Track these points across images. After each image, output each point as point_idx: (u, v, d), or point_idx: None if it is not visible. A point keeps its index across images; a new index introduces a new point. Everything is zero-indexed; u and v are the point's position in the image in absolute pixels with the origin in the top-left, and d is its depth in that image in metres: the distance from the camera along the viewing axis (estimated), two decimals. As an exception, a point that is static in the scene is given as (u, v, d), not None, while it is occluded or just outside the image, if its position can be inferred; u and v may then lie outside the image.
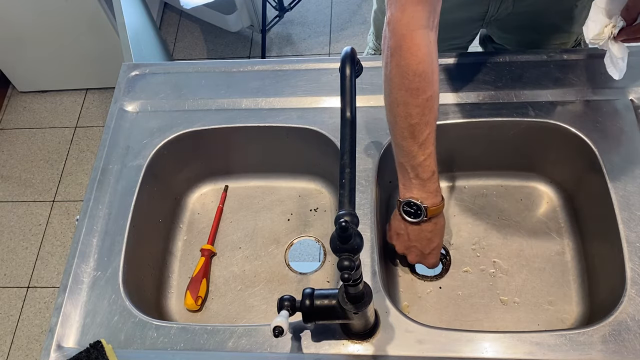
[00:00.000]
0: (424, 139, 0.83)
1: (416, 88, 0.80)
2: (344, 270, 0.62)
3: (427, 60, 0.80)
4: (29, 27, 2.14)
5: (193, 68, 1.14)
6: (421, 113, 0.82)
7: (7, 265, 2.06)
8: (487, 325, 0.96)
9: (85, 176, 2.24)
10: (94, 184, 1.01)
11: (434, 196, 0.88)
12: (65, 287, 0.91)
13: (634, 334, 0.78)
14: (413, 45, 0.79)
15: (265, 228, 1.11)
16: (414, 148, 0.84)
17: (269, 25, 2.46)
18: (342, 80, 0.75)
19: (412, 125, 0.82)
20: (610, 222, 0.89)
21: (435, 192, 0.88)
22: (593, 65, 1.02)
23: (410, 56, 0.79)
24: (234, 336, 0.84)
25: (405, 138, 0.84)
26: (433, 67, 0.81)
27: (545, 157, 1.04)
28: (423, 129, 0.83)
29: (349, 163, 0.68)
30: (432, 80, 0.81)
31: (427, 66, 0.80)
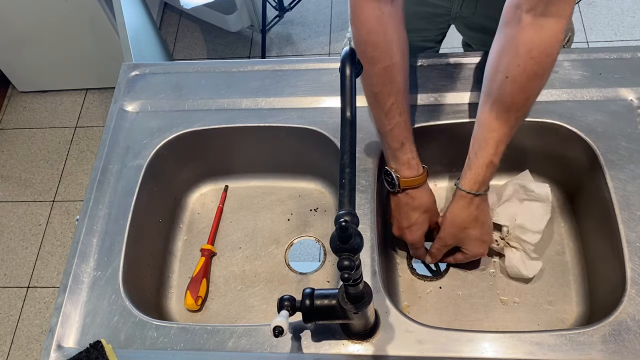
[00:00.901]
0: (388, 108, 0.87)
1: (371, 57, 0.84)
2: (344, 270, 0.62)
3: (378, 30, 0.83)
4: (29, 27, 2.14)
5: (193, 68, 1.14)
6: (381, 83, 0.86)
7: (7, 265, 2.06)
8: (487, 325, 0.96)
9: (85, 176, 2.24)
10: (94, 184, 1.01)
11: (407, 168, 0.91)
12: (65, 287, 0.91)
13: (634, 334, 0.78)
14: (362, 16, 0.83)
15: (265, 228, 1.11)
16: (381, 116, 0.89)
17: (269, 25, 2.46)
18: (342, 80, 0.75)
19: (376, 94, 0.88)
20: (610, 222, 0.89)
21: (408, 164, 0.91)
22: (593, 65, 1.02)
23: (360, 26, 0.84)
24: (234, 336, 0.84)
25: (372, 105, 0.90)
26: (388, 38, 0.84)
27: (545, 157, 1.04)
28: (386, 98, 0.87)
29: (349, 163, 0.68)
30: (389, 51, 0.84)
31: (378, 36, 0.84)
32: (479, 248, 0.95)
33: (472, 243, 0.95)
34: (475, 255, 0.96)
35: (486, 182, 0.90)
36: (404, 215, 0.95)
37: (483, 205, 0.92)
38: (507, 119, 0.84)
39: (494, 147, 0.86)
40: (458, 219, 0.93)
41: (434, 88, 1.03)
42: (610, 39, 2.26)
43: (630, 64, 1.01)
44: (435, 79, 1.04)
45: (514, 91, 0.82)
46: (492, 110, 0.85)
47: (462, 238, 0.94)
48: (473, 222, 0.92)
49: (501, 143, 0.86)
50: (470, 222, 0.92)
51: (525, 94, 0.82)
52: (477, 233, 0.93)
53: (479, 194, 0.90)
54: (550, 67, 0.79)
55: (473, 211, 0.91)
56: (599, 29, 2.28)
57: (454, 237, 0.95)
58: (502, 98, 0.83)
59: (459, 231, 0.93)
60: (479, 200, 0.91)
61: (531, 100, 0.83)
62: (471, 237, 0.94)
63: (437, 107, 1.01)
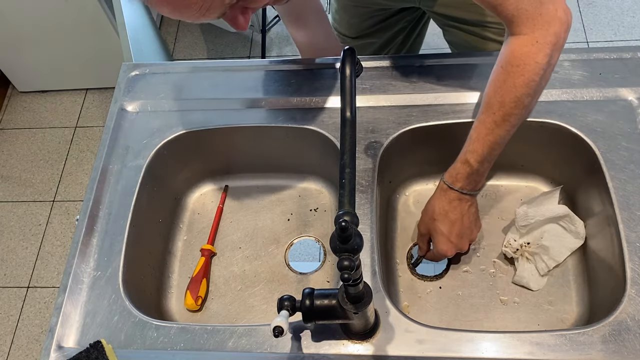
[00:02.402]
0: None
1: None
2: (344, 270, 0.62)
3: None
4: (29, 27, 2.14)
5: (193, 68, 1.14)
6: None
7: (7, 265, 2.06)
8: (487, 325, 0.96)
9: (85, 176, 2.24)
10: (94, 184, 1.01)
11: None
12: (65, 287, 0.91)
13: (634, 334, 0.78)
14: None
15: (265, 228, 1.11)
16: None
17: (269, 25, 2.46)
18: (342, 80, 0.75)
19: None
20: (610, 222, 0.89)
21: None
22: (593, 65, 1.02)
23: None
24: (234, 336, 0.84)
25: None
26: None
27: (545, 157, 1.04)
28: None
29: (349, 163, 0.68)
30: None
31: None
32: (443, 245, 0.96)
33: (437, 237, 0.96)
34: (439, 251, 0.97)
35: (461, 179, 0.92)
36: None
37: (458, 204, 0.94)
38: (484, 120, 0.88)
39: (468, 145, 0.90)
40: (430, 207, 0.97)
41: (433, 88, 1.03)
42: (610, 39, 2.26)
43: (630, 64, 1.01)
44: (435, 79, 1.04)
45: (489, 93, 0.87)
46: (478, 111, 0.90)
47: (432, 230, 0.97)
48: (442, 216, 0.94)
49: (477, 142, 0.89)
50: (440, 214, 0.95)
51: (498, 97, 0.86)
52: (445, 229, 0.95)
53: (453, 188, 0.93)
54: (519, 76, 0.83)
55: (445, 205, 0.94)
56: (599, 29, 2.28)
57: (425, 226, 0.98)
58: (483, 100, 0.89)
59: (430, 221, 0.97)
60: (454, 196, 0.93)
61: (506, 108, 0.85)
62: (438, 230, 0.95)
63: (437, 107, 1.01)
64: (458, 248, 0.97)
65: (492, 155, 0.90)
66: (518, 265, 0.99)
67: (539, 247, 0.98)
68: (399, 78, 1.05)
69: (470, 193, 0.94)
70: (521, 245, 0.99)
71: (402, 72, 1.06)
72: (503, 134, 0.88)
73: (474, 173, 0.91)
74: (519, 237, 1.00)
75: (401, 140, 1.00)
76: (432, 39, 1.39)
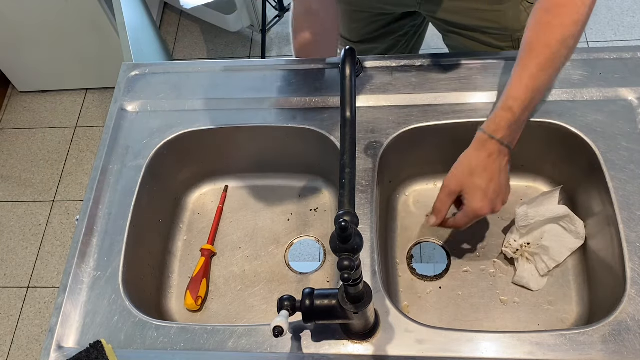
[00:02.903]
0: None
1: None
2: (344, 270, 0.62)
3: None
4: (29, 27, 2.14)
5: (193, 68, 1.14)
6: None
7: (7, 265, 2.06)
8: (487, 325, 0.96)
9: (85, 176, 2.24)
10: (94, 184, 1.01)
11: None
12: (65, 287, 0.91)
13: (634, 334, 0.78)
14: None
15: (265, 228, 1.11)
16: None
17: (269, 25, 2.46)
18: (342, 80, 0.75)
19: None
20: (610, 222, 0.89)
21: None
22: (593, 65, 1.02)
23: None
24: (234, 336, 0.84)
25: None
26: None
27: (545, 157, 1.04)
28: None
29: (349, 163, 0.68)
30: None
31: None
32: (480, 202, 0.88)
33: (474, 193, 0.88)
34: (474, 210, 0.89)
35: (503, 127, 0.87)
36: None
37: (497, 158, 0.88)
38: (526, 64, 0.86)
39: (510, 92, 0.86)
40: (466, 161, 0.89)
41: (433, 88, 1.03)
42: (610, 39, 2.26)
43: (630, 64, 1.01)
44: (435, 79, 1.04)
45: (531, 37, 0.86)
46: (516, 60, 0.88)
47: (466, 185, 0.89)
48: (481, 170, 0.88)
49: (519, 89, 0.86)
50: (478, 167, 0.88)
51: (543, 39, 0.85)
52: (483, 183, 0.88)
53: (495, 138, 0.87)
54: (567, 16, 0.84)
55: (484, 157, 0.88)
56: (599, 29, 2.28)
57: (458, 182, 0.90)
58: (522, 47, 0.88)
59: (465, 176, 0.89)
60: (494, 148, 0.87)
61: (552, 49, 0.84)
62: (475, 186, 0.88)
63: (437, 107, 1.01)
64: (492, 207, 0.89)
65: (533, 104, 0.87)
66: (518, 266, 0.99)
67: (539, 248, 0.98)
68: (399, 78, 1.05)
69: (509, 146, 0.89)
70: (521, 246, 0.99)
71: (402, 72, 1.06)
72: (546, 79, 0.86)
73: (516, 122, 0.87)
74: (519, 238, 1.00)
75: (401, 140, 1.00)
76: (432, 39, 1.39)
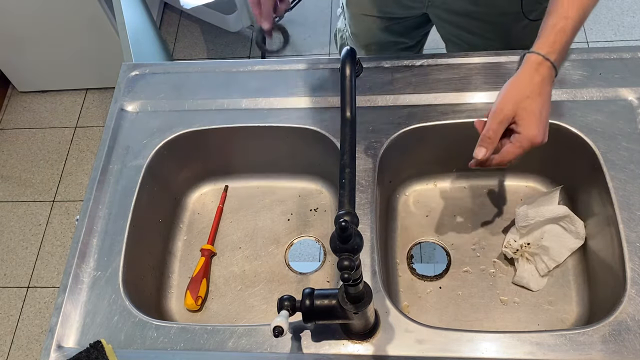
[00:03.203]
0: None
1: None
2: (344, 270, 0.62)
3: None
4: (29, 27, 2.14)
5: (193, 68, 1.14)
6: None
7: (7, 265, 2.06)
8: (487, 325, 0.96)
9: (85, 176, 2.24)
10: (94, 184, 1.01)
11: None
12: (65, 287, 0.91)
13: (634, 334, 0.78)
14: None
15: (265, 228, 1.11)
16: None
17: (269, 25, 2.46)
18: (342, 80, 0.75)
19: None
20: (610, 222, 0.89)
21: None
22: (593, 65, 1.02)
23: None
24: (234, 336, 0.84)
25: None
26: None
27: (545, 157, 1.04)
28: None
29: (349, 163, 0.68)
30: None
31: None
32: (536, 128, 0.81)
33: (529, 119, 0.81)
34: (530, 137, 0.82)
35: (557, 49, 0.82)
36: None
37: (548, 83, 0.83)
38: None
39: (560, 12, 0.81)
40: (521, 85, 0.83)
41: (433, 88, 1.03)
42: (610, 39, 2.26)
43: (630, 64, 1.01)
44: (435, 79, 1.04)
45: None
46: None
47: (520, 109, 0.82)
48: (536, 94, 0.82)
49: (570, 7, 0.81)
50: (534, 92, 0.82)
51: None
52: (537, 109, 0.81)
53: (549, 60, 0.82)
54: None
55: (537, 81, 0.82)
56: (599, 29, 2.28)
57: (514, 108, 0.82)
58: None
59: (521, 101, 0.82)
60: (547, 72, 0.82)
61: None
62: (530, 111, 0.81)
63: (437, 107, 1.01)
64: (544, 136, 0.83)
65: (580, 25, 0.83)
66: (518, 266, 0.99)
67: (539, 248, 0.98)
68: (399, 78, 1.05)
69: (557, 71, 0.84)
70: (521, 246, 0.99)
71: (402, 72, 1.06)
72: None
73: (567, 43, 0.83)
74: (519, 238, 1.00)
75: (401, 140, 1.00)
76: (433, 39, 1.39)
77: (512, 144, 0.83)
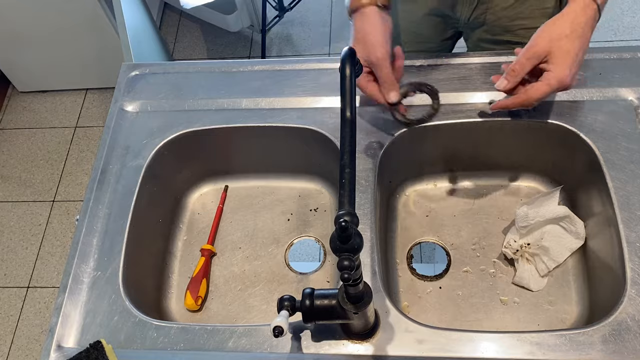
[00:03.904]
0: None
1: None
2: (344, 270, 0.62)
3: None
4: (28, 27, 2.14)
5: (193, 68, 1.14)
6: None
7: (7, 265, 2.06)
8: (487, 325, 0.96)
9: (85, 176, 2.24)
10: (94, 184, 1.01)
11: None
12: (65, 287, 0.91)
13: (634, 334, 0.78)
14: None
15: (265, 228, 1.11)
16: None
17: (269, 25, 2.46)
18: (342, 80, 0.75)
19: None
20: (610, 222, 0.89)
21: None
22: (593, 65, 1.02)
23: None
24: (234, 336, 0.84)
25: None
26: None
27: (545, 157, 1.04)
28: None
29: (349, 163, 0.68)
30: None
31: None
32: (567, 68, 0.79)
33: (563, 59, 0.79)
34: (561, 77, 0.79)
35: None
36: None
37: (592, 25, 0.80)
38: None
39: None
40: (565, 23, 0.80)
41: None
42: (610, 39, 2.26)
43: (630, 64, 1.01)
44: (435, 79, 1.04)
45: None
46: None
47: (555, 47, 0.79)
48: (577, 34, 0.79)
49: None
50: (575, 31, 0.79)
51: None
52: (575, 47, 0.79)
53: (596, 1, 0.79)
54: None
55: (582, 22, 0.79)
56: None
57: (549, 45, 0.80)
58: None
59: (559, 39, 0.79)
60: (592, 13, 0.80)
61: None
62: (566, 50, 0.79)
63: (437, 107, 1.01)
64: (574, 79, 0.81)
65: None
66: (518, 266, 0.99)
67: (539, 248, 0.98)
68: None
69: (600, 15, 0.81)
70: (521, 246, 0.99)
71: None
72: None
73: None
74: (519, 238, 1.00)
75: (401, 140, 1.00)
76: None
77: (540, 81, 0.80)
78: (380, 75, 0.88)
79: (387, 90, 0.89)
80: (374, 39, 0.87)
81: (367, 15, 0.88)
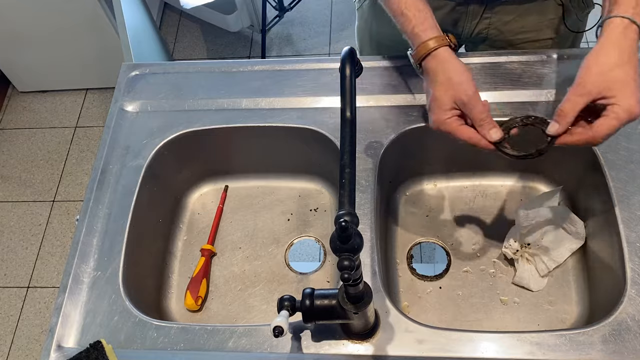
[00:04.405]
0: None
1: None
2: (344, 270, 0.62)
3: None
4: (28, 27, 2.14)
5: (193, 68, 1.14)
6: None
7: (7, 265, 2.06)
8: (487, 325, 0.96)
9: (85, 176, 2.24)
10: (94, 184, 1.01)
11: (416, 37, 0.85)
12: (65, 287, 0.91)
13: (634, 334, 0.78)
14: None
15: (265, 228, 1.11)
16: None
17: (269, 25, 2.46)
18: (342, 80, 0.75)
19: None
20: (610, 222, 0.89)
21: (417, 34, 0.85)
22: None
23: None
24: (234, 336, 0.84)
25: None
26: None
27: (545, 157, 1.04)
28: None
29: (349, 163, 0.68)
30: None
31: None
32: (632, 97, 0.73)
33: (623, 88, 0.73)
34: (626, 107, 0.73)
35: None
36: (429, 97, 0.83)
37: (637, 47, 0.75)
38: None
39: None
40: (607, 53, 0.76)
41: (434, 88, 1.03)
42: (610, 39, 2.26)
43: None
44: (435, 79, 1.04)
45: None
46: None
47: (609, 81, 0.74)
48: (625, 60, 0.74)
49: None
50: (622, 58, 0.74)
51: None
52: (630, 74, 0.74)
53: (635, 22, 0.75)
54: None
55: (628, 46, 0.74)
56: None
57: (599, 81, 0.75)
58: None
59: (606, 70, 0.75)
60: (634, 35, 0.75)
61: None
62: (623, 80, 0.73)
63: (437, 107, 1.01)
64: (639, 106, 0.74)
65: None
66: (518, 267, 0.98)
67: (539, 248, 0.98)
68: (399, 78, 1.05)
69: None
70: (521, 246, 0.99)
71: (402, 72, 1.06)
72: None
73: None
74: (519, 238, 1.00)
75: (401, 140, 1.00)
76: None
77: (605, 116, 0.74)
78: (474, 114, 0.81)
79: (487, 129, 0.81)
80: (458, 78, 0.82)
81: (442, 57, 0.84)
